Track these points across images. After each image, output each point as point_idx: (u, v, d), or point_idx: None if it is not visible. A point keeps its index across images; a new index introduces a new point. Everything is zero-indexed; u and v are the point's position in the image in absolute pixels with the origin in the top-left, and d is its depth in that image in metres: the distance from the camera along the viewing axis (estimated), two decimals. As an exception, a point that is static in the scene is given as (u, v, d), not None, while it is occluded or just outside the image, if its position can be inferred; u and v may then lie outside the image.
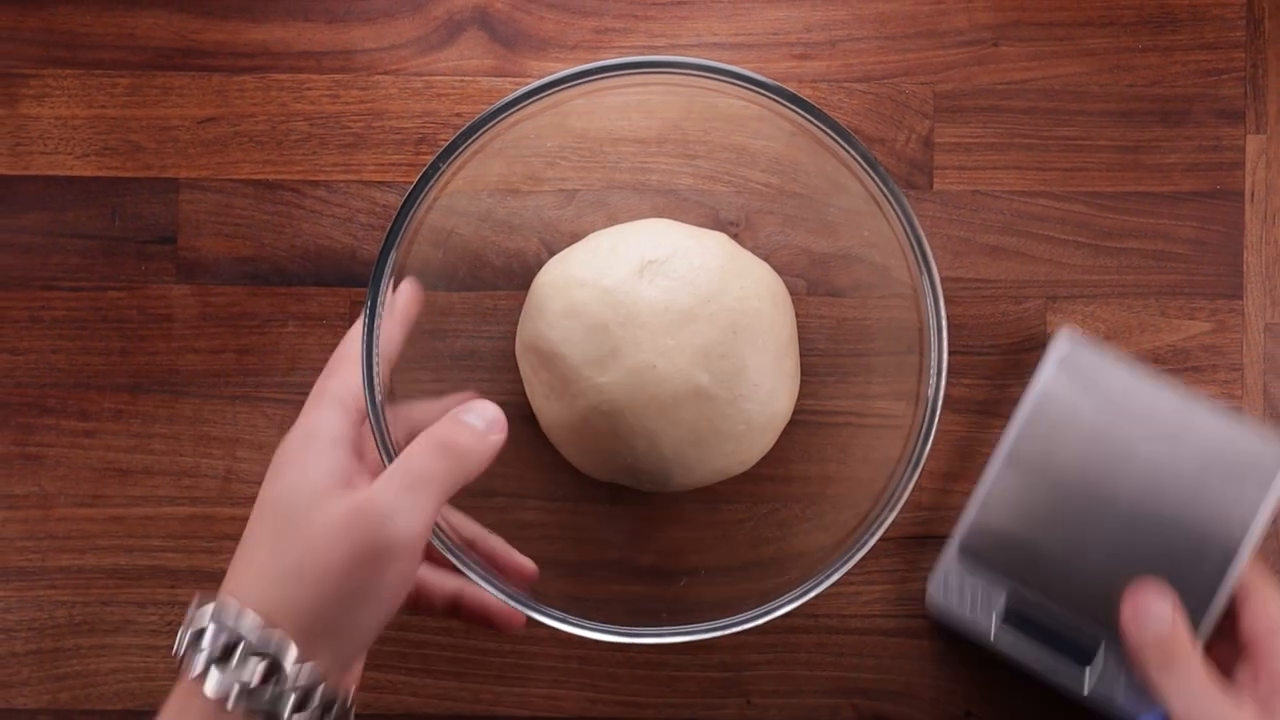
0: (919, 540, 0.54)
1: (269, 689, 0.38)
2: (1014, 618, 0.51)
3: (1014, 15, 0.55)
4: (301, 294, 0.54)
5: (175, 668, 0.39)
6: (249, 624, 0.38)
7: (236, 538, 0.53)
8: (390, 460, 0.43)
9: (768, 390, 0.50)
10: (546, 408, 0.51)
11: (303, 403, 0.44)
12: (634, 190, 0.54)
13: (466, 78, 0.54)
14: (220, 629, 0.38)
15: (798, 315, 0.54)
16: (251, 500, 0.42)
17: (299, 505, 0.40)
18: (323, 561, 0.39)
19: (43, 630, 0.54)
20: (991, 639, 0.50)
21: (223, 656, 0.38)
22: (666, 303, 0.49)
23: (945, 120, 0.55)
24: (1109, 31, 0.54)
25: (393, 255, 0.44)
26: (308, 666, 0.38)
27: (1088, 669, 0.50)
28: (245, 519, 0.42)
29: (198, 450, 0.54)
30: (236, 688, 0.38)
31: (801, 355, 0.54)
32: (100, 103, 0.55)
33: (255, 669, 0.38)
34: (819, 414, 0.54)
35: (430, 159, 0.45)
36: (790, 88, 0.53)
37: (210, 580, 0.54)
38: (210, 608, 0.39)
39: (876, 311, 0.54)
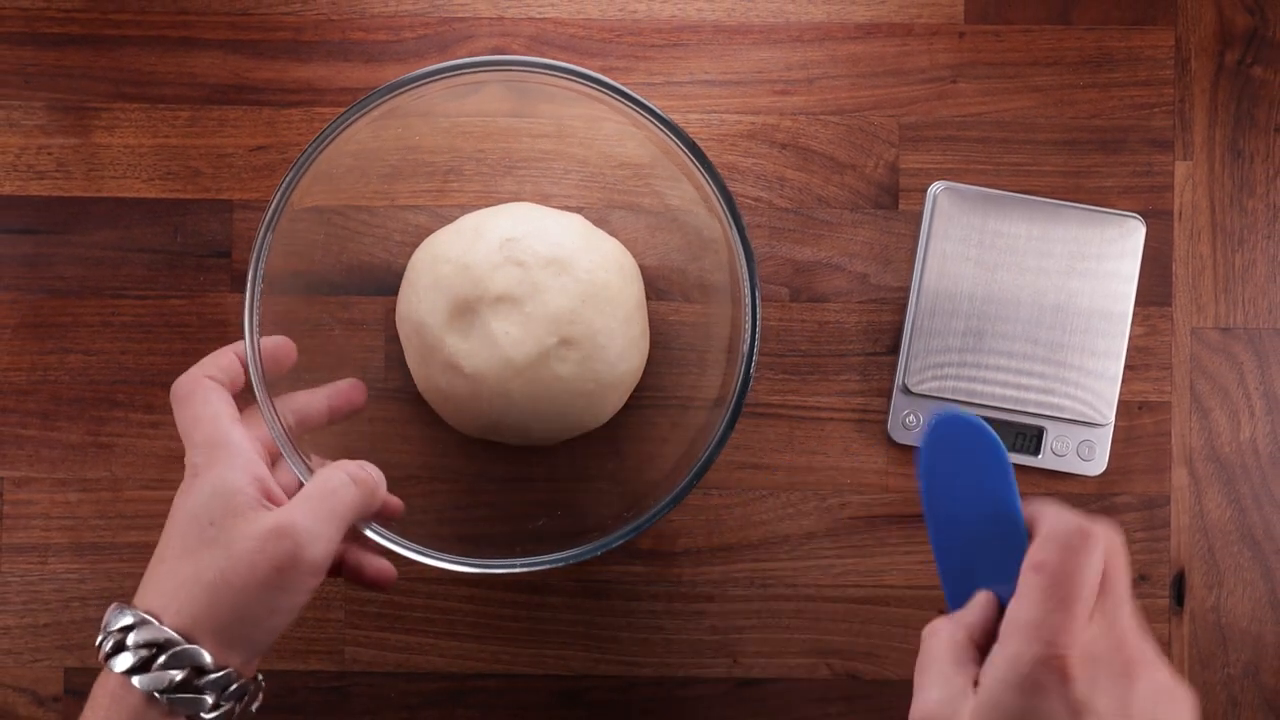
0: (886, 520, 0.59)
1: (190, 688, 0.40)
2: None
3: (970, 56, 0.60)
4: (345, 302, 0.58)
5: (99, 666, 0.42)
6: (169, 636, 0.40)
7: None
8: (285, 446, 0.46)
9: (615, 352, 0.54)
10: (419, 372, 0.56)
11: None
12: (630, 210, 0.58)
13: (487, 118, 0.58)
14: (142, 641, 0.40)
15: (781, 320, 0.59)
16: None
17: (219, 518, 0.41)
18: (244, 576, 0.40)
19: (113, 598, 0.57)
20: None
21: (147, 662, 0.40)
22: (520, 275, 0.53)
23: (909, 148, 0.60)
24: (1054, 70, 0.60)
25: (266, 235, 0.48)
26: (225, 671, 0.41)
27: (1039, 456, 0.58)
28: None
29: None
30: (162, 686, 0.40)
31: (785, 356, 0.59)
32: (164, 133, 0.59)
33: (176, 674, 0.40)
34: (801, 409, 0.60)
35: (455, 187, 0.50)
36: (771, 119, 0.59)
37: None
38: (130, 616, 0.40)
39: (855, 315, 0.60)
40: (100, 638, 0.41)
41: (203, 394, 0.45)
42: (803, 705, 0.59)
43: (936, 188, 0.59)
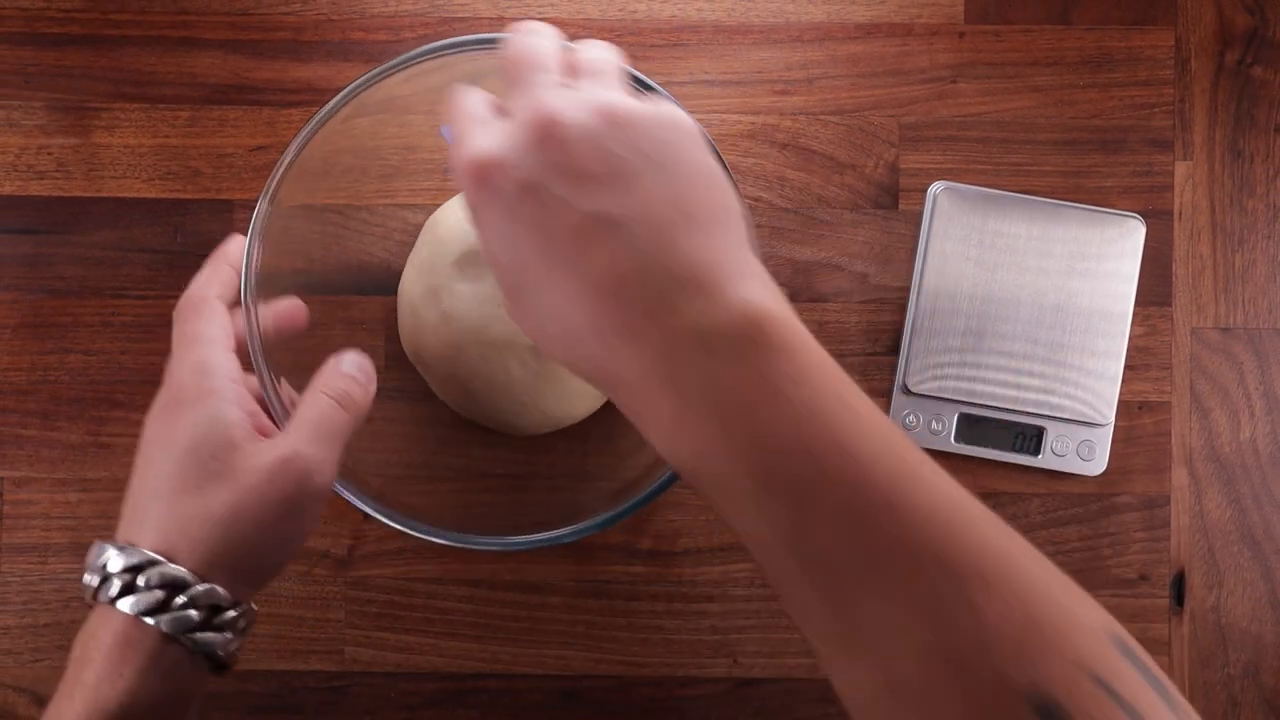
0: None
1: (210, 627, 0.39)
2: (965, 431, 0.59)
3: (970, 56, 0.60)
4: (345, 302, 0.58)
5: (89, 605, 0.39)
6: (184, 575, 0.38)
7: (285, 516, 0.59)
8: (261, 377, 0.45)
9: None
10: (408, 324, 0.56)
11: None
12: None
13: None
14: (157, 581, 0.38)
15: None
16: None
17: (221, 452, 0.40)
18: (256, 510, 0.39)
19: None
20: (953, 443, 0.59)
21: (164, 603, 0.38)
22: None
23: (909, 148, 0.60)
24: (1054, 70, 0.60)
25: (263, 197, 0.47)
26: (243, 608, 0.40)
27: (1039, 456, 0.59)
28: None
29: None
30: (186, 626, 0.38)
31: None
32: (164, 133, 0.60)
33: (195, 614, 0.38)
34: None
35: (455, 186, 0.50)
36: (771, 119, 0.59)
37: None
38: (136, 555, 0.38)
39: (855, 315, 0.60)
40: (95, 578, 0.39)
41: (209, 314, 0.44)
42: (803, 705, 0.59)
43: (936, 188, 0.59)
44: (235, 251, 0.46)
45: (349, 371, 0.44)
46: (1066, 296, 0.58)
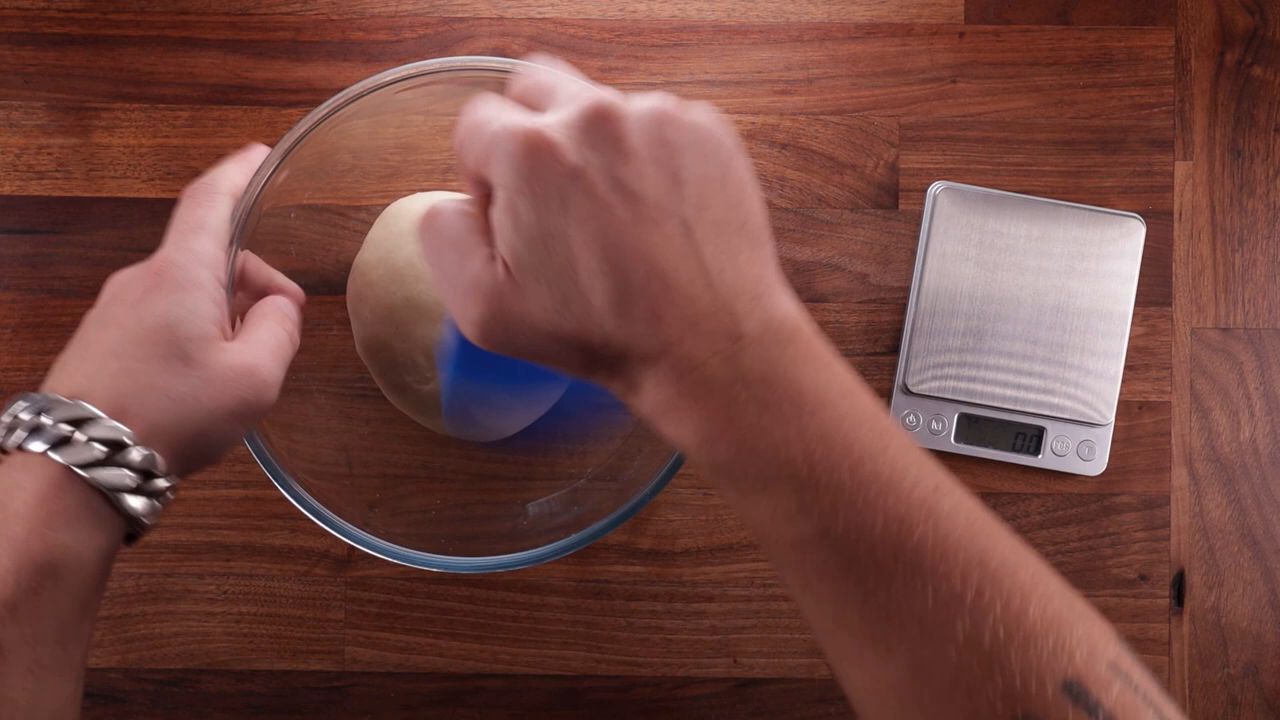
0: None
1: (140, 491, 0.39)
2: (965, 431, 0.59)
3: (970, 56, 0.60)
4: (344, 302, 0.57)
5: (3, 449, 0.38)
6: (129, 436, 0.38)
7: (285, 517, 0.59)
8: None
9: None
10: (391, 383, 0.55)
11: (346, 395, 0.48)
12: None
13: None
14: (101, 437, 0.38)
15: None
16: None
17: (196, 338, 0.40)
18: (216, 401, 0.40)
19: (114, 598, 0.59)
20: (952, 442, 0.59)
21: (100, 461, 0.38)
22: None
23: (909, 148, 0.60)
24: (1054, 70, 0.60)
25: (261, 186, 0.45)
26: (171, 479, 0.40)
27: (1039, 456, 0.59)
28: (288, 500, 0.46)
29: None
30: (125, 486, 0.38)
31: None
32: (164, 133, 0.60)
33: (129, 476, 0.38)
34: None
35: (454, 186, 0.50)
36: (771, 119, 0.59)
37: (263, 554, 0.59)
38: (79, 409, 0.38)
39: (855, 315, 0.60)
40: (26, 423, 0.38)
41: (220, 206, 0.44)
42: (803, 705, 0.59)
43: (936, 188, 0.59)
44: (257, 157, 0.46)
45: (290, 315, 0.45)
46: (1066, 296, 0.58)
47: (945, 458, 0.59)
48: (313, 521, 0.49)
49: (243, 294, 0.47)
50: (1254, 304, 0.60)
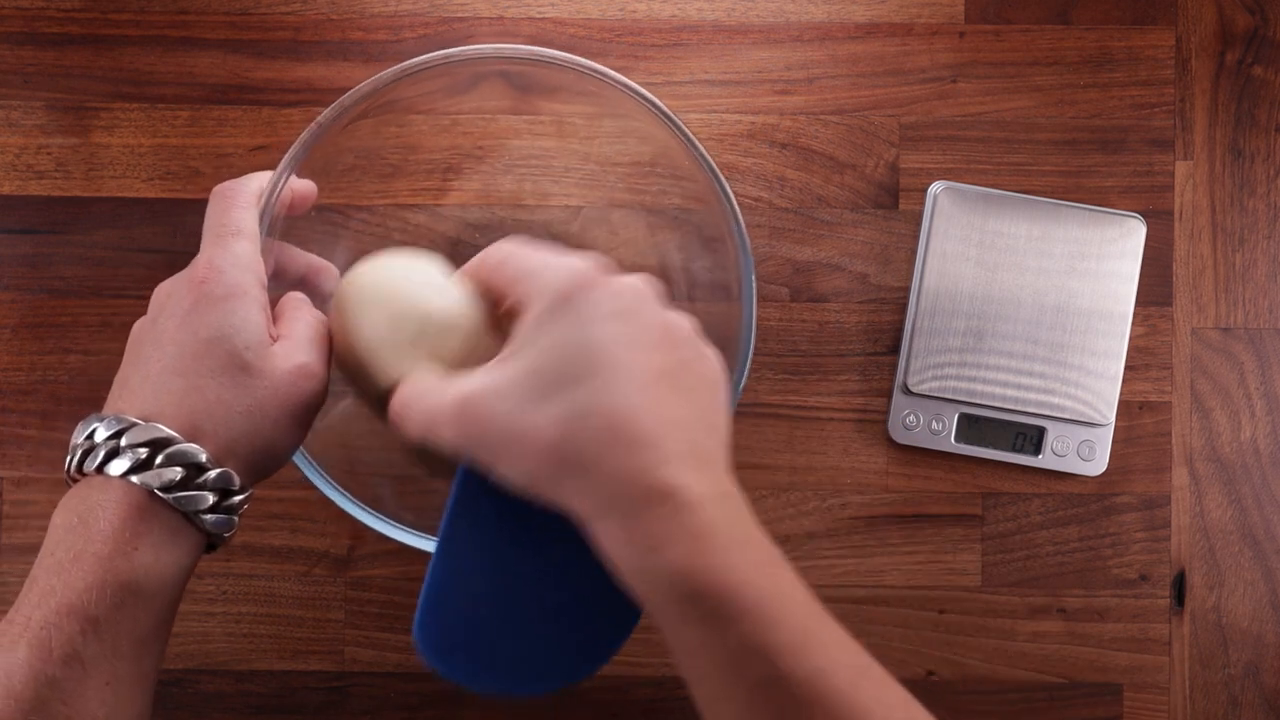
0: (886, 520, 0.60)
1: (222, 509, 0.40)
2: (965, 431, 0.59)
3: (970, 55, 0.60)
4: None
5: (71, 478, 0.39)
6: (204, 457, 0.39)
7: (284, 517, 0.59)
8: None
9: None
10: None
11: (346, 394, 0.48)
12: (629, 209, 0.58)
13: (487, 116, 0.58)
14: (180, 460, 0.38)
15: (781, 320, 0.59)
16: (303, 486, 0.47)
17: (251, 350, 0.40)
18: (280, 408, 0.41)
19: None
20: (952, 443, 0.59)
21: (180, 483, 0.38)
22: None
23: (909, 148, 0.60)
24: (1055, 70, 0.60)
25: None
26: (246, 491, 0.41)
27: (1040, 456, 0.59)
28: (288, 500, 0.46)
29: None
30: (202, 508, 0.39)
31: (785, 356, 0.60)
32: (163, 133, 0.60)
33: (209, 495, 0.39)
34: (801, 409, 0.60)
35: (455, 185, 0.50)
36: (772, 119, 0.59)
37: (263, 554, 0.59)
38: (153, 431, 0.38)
39: (855, 315, 0.60)
40: (101, 449, 0.38)
41: (253, 208, 0.44)
42: (803, 705, 0.59)
43: (936, 188, 0.59)
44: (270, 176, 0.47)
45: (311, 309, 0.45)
46: (1067, 296, 0.58)
47: (945, 458, 0.59)
48: (338, 507, 0.49)
49: (279, 283, 0.47)
50: (1254, 304, 0.60)
